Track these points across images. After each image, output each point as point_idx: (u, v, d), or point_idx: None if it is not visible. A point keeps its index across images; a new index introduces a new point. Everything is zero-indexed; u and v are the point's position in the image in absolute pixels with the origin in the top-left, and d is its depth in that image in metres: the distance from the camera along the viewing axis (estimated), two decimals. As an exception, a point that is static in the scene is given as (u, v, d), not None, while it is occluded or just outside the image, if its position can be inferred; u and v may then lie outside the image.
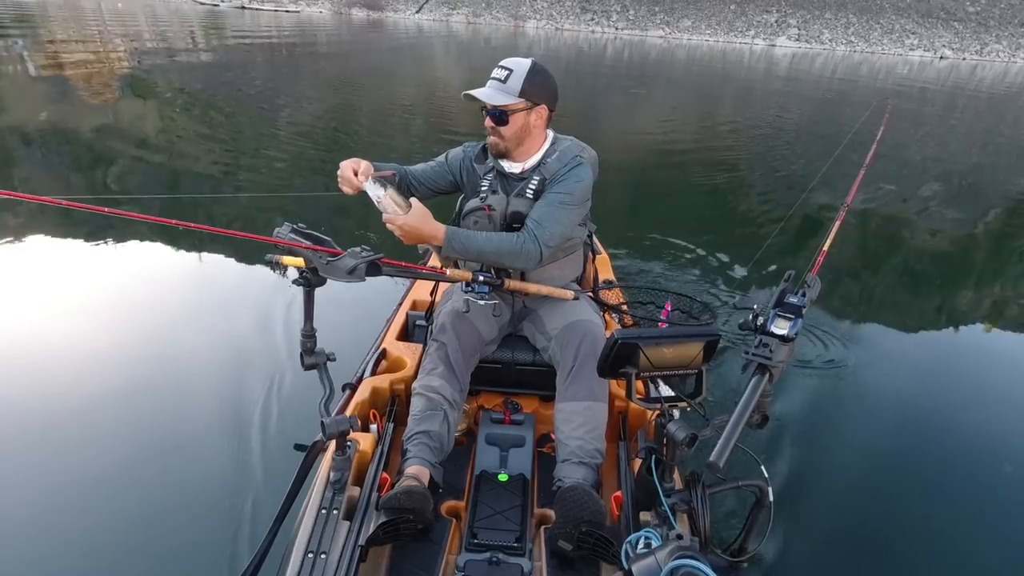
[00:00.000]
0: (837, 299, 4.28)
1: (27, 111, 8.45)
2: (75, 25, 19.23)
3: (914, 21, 33.75)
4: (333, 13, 32.38)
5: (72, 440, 2.39)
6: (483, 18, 33.25)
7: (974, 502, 2.45)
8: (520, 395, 2.13)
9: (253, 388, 2.71)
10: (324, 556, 1.41)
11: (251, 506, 2.10)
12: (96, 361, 2.88)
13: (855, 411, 2.99)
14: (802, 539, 2.15)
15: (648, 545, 1.25)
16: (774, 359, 1.35)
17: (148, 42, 17.12)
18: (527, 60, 1.80)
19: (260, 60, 15.72)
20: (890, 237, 5.94)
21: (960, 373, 3.55)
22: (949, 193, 7.48)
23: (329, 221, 4.79)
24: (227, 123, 8.66)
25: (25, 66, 11.72)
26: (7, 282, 3.64)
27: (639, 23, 33.52)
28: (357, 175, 1.70)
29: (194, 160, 6.83)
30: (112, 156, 6.60)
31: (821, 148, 7.72)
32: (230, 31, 21.32)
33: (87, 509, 2.09)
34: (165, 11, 26.03)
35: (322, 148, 7.54)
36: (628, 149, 8.76)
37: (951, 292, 4.86)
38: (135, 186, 5.82)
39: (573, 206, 1.82)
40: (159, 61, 13.77)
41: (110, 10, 24.33)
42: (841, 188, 2.53)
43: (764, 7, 33.99)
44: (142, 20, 22.34)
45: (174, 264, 3.99)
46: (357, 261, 1.53)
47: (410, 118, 9.64)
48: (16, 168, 6.13)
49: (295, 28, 24.19)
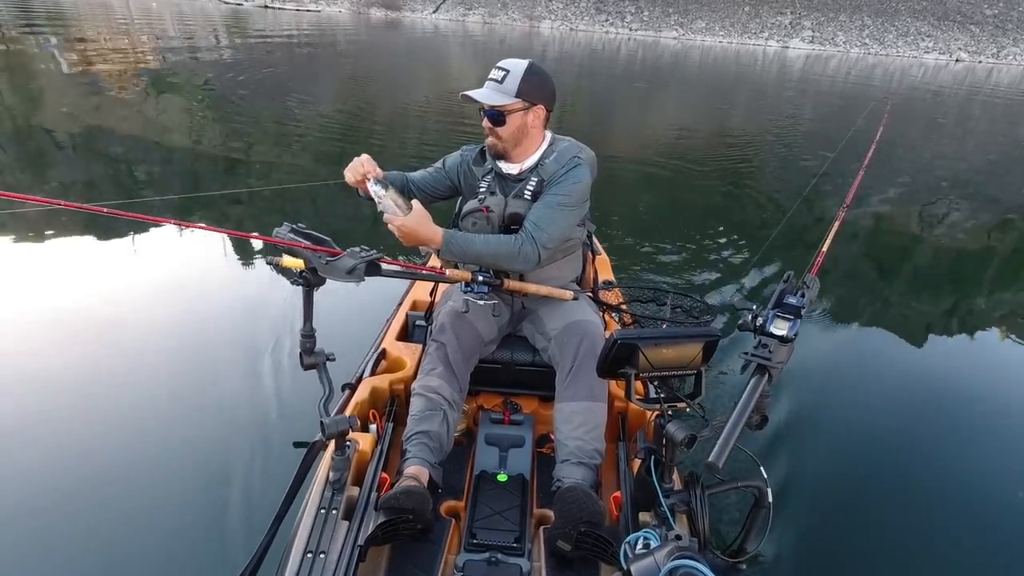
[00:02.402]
0: (838, 299, 4.29)
1: (55, 107, 8.60)
2: (104, 23, 19.51)
3: (930, 24, 33.62)
4: (352, 12, 32.51)
5: (72, 440, 2.39)
6: (498, 18, 33.31)
7: (974, 502, 2.45)
8: (519, 395, 2.13)
9: (252, 388, 2.71)
10: (323, 556, 1.41)
11: (250, 506, 2.10)
12: (95, 360, 2.88)
13: (855, 412, 2.99)
14: (801, 540, 2.15)
15: (647, 545, 1.25)
16: (773, 360, 1.35)
17: (173, 40, 17.32)
18: (524, 61, 1.81)
19: (280, 57, 15.92)
20: (894, 239, 5.94)
21: (962, 375, 3.55)
22: (959, 197, 7.45)
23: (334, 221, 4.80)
24: (246, 119, 8.75)
25: (56, 63, 12.01)
26: (8, 282, 3.64)
27: (653, 24, 33.50)
28: (364, 176, 1.77)
29: (211, 155, 6.94)
30: (134, 151, 6.68)
31: (829, 149, 7.72)
32: (252, 30, 21.59)
33: (87, 508, 2.09)
34: (190, 10, 26.27)
35: (336, 141, 7.65)
36: (630, 149, 8.76)
37: (955, 294, 4.86)
38: (153, 181, 5.91)
39: (571, 207, 1.82)
40: (183, 58, 13.92)
41: (139, 9, 24.58)
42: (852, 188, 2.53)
43: (778, 9, 33.92)
44: (168, 19, 22.58)
45: (174, 264, 3.99)
46: (356, 261, 1.53)
47: (424, 115, 9.68)
48: (42, 163, 6.22)
49: (315, 27, 24.42)
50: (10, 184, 5.51)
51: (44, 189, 5.44)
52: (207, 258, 4.07)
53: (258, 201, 5.37)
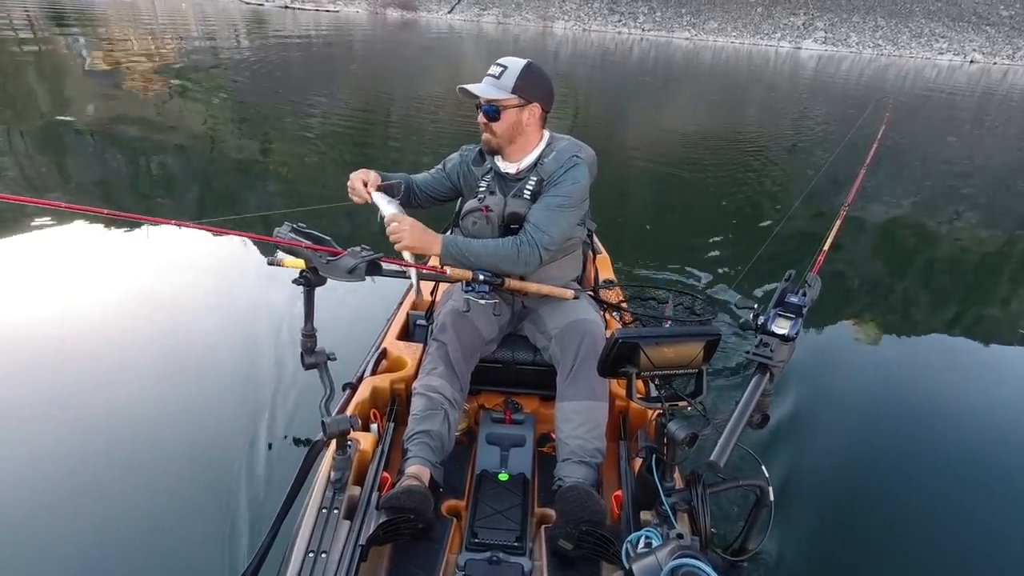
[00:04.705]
0: (840, 298, 4.28)
1: (79, 104, 8.74)
2: (131, 23, 19.92)
3: (944, 25, 33.40)
4: (369, 12, 32.73)
5: (73, 439, 2.39)
6: (513, 19, 33.41)
7: (975, 501, 2.45)
8: (520, 395, 2.13)
9: (253, 388, 2.71)
10: (325, 555, 1.41)
11: (251, 505, 2.10)
12: (96, 359, 2.88)
13: (856, 411, 2.99)
14: (803, 538, 2.15)
15: (648, 544, 1.25)
16: (775, 358, 1.35)
17: (196, 40, 17.61)
18: (523, 59, 1.81)
19: (297, 57, 16.14)
20: (897, 239, 5.93)
21: (963, 374, 3.54)
22: (967, 199, 7.42)
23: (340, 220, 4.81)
24: (263, 118, 8.84)
25: (82, 62, 12.28)
26: (9, 282, 3.65)
27: (665, 24, 33.48)
28: (367, 186, 1.83)
29: (228, 155, 7.03)
30: (153, 148, 6.77)
31: (834, 150, 7.71)
32: (271, 29, 21.94)
33: (87, 508, 2.09)
34: (212, 10, 26.61)
35: (351, 142, 7.74)
36: (632, 148, 8.75)
37: (959, 294, 4.84)
38: (172, 178, 5.99)
39: (571, 208, 1.82)
40: (204, 58, 14.13)
41: (165, 10, 24.96)
42: (853, 188, 2.52)
43: (791, 10, 33.79)
44: (191, 19, 22.92)
45: (174, 264, 3.99)
46: (357, 260, 1.53)
47: (437, 111, 9.74)
48: (63, 160, 6.28)
49: (333, 27, 24.72)
50: (31, 178, 5.60)
51: (66, 187, 5.52)
52: (207, 258, 4.07)
53: (263, 198, 5.41)
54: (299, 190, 5.77)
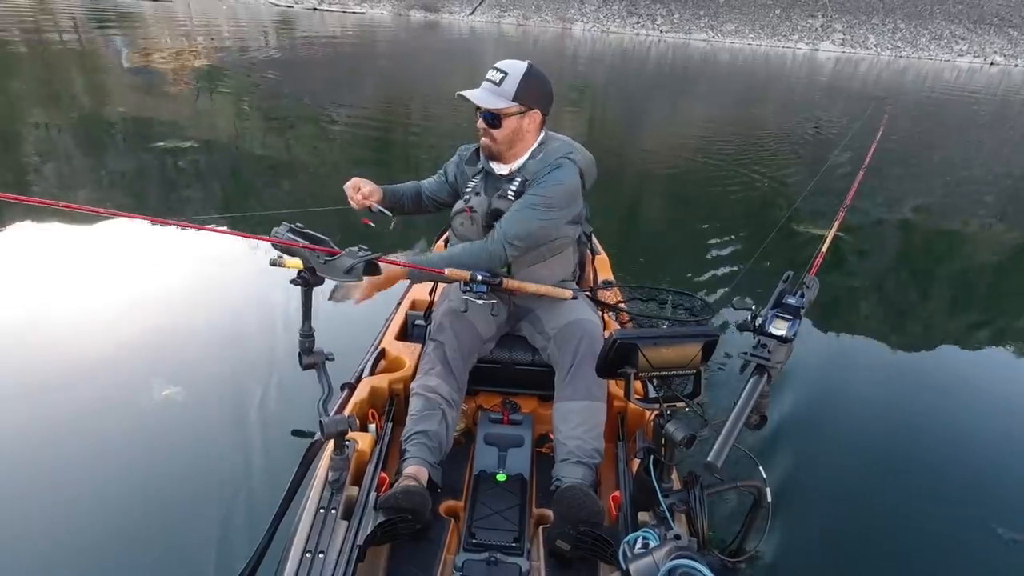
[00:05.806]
0: (838, 299, 4.29)
1: (114, 102, 8.90)
2: (166, 25, 20.45)
3: (965, 27, 33.15)
4: (393, 14, 32.97)
5: (70, 439, 2.38)
6: (532, 20, 33.49)
7: (972, 502, 2.45)
8: (518, 395, 2.12)
9: (252, 388, 2.70)
10: (322, 556, 1.41)
11: (249, 505, 2.10)
12: (95, 359, 2.88)
13: (854, 412, 2.99)
14: (800, 539, 2.15)
15: (646, 545, 1.25)
16: (772, 360, 1.35)
17: (227, 40, 17.98)
18: (523, 63, 1.79)
19: (323, 57, 16.44)
20: (898, 240, 5.93)
21: (962, 375, 3.54)
22: (978, 203, 7.40)
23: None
24: (285, 115, 8.91)
25: (121, 62, 12.54)
26: (10, 282, 3.64)
27: (683, 26, 33.43)
28: (364, 195, 1.96)
29: (255, 154, 7.11)
30: (179, 148, 6.80)
31: (843, 150, 7.70)
32: (299, 31, 22.37)
33: (85, 508, 2.09)
34: (244, 13, 27.05)
35: (373, 141, 7.92)
36: (633, 148, 8.75)
37: (958, 295, 4.85)
38: (190, 175, 6.04)
39: (545, 208, 1.80)
40: (235, 59, 14.32)
41: (199, 13, 25.42)
42: (852, 188, 2.52)
43: (809, 12, 33.64)
44: (222, 21, 23.32)
45: (172, 264, 3.98)
46: (354, 260, 1.52)
47: (457, 112, 9.80)
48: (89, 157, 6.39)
49: (358, 28, 25.13)
50: (64, 174, 5.71)
51: (95, 181, 5.60)
52: (205, 258, 4.06)
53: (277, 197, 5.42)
54: (314, 191, 5.78)
